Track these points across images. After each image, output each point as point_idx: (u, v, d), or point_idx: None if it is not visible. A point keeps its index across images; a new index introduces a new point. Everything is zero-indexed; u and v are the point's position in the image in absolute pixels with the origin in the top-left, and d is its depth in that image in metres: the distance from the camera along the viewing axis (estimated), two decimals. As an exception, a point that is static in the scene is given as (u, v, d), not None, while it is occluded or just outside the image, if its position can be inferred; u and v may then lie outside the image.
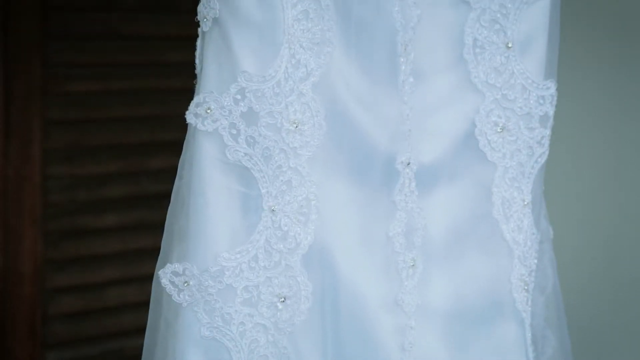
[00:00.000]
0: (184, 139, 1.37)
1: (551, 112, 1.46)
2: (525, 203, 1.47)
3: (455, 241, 1.46)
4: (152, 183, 3.08)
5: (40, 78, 2.84)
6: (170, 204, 1.40)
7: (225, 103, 1.30)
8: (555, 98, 1.46)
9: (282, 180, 1.33)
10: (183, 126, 1.35)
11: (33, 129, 2.84)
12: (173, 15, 3.06)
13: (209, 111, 1.31)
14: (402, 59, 1.39)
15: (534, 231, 1.48)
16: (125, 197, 3.06)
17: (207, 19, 1.32)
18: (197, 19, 1.34)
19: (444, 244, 1.46)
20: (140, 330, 1.49)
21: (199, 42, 1.36)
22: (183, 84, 2.01)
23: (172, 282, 1.33)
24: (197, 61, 1.38)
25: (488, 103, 1.45)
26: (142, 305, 1.81)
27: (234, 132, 1.31)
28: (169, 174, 1.40)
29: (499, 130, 1.45)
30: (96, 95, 2.97)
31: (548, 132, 1.47)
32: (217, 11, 1.30)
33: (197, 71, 1.37)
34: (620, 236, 2.61)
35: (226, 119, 1.31)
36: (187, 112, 1.32)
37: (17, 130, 2.81)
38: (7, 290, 2.81)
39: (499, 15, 1.43)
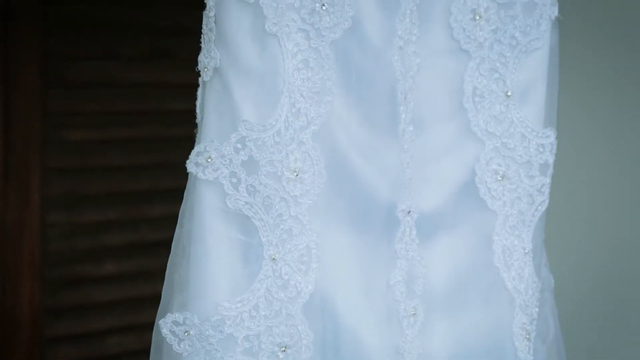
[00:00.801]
0: (184, 187, 1.37)
1: (551, 161, 1.47)
2: (526, 251, 1.46)
3: (457, 290, 1.46)
4: (152, 231, 3.08)
5: (39, 126, 2.85)
6: (171, 253, 1.40)
7: (226, 152, 1.31)
8: (555, 146, 1.47)
9: (282, 229, 1.33)
10: (183, 174, 1.35)
11: (32, 177, 2.85)
12: (173, 63, 3.08)
13: (209, 160, 1.31)
14: (402, 108, 1.40)
15: (535, 279, 1.48)
16: (125, 245, 3.05)
17: (207, 69, 1.33)
18: (197, 68, 1.34)
19: (445, 292, 1.46)
20: (140, 380, 1.48)
21: (199, 92, 1.37)
22: (183, 132, 2.03)
23: (173, 332, 1.32)
24: (197, 110, 1.38)
25: (488, 151, 1.45)
26: (142, 354, 1.80)
27: (235, 180, 1.31)
28: (169, 222, 1.40)
29: (499, 178, 1.45)
30: (95, 144, 2.98)
31: (548, 180, 1.47)
32: (218, 60, 1.31)
33: (197, 120, 1.38)
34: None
35: (227, 167, 1.31)
36: (187, 161, 1.32)
37: (16, 177, 2.81)
38: (5, 337, 2.80)
39: (498, 64, 1.44)
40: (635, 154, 2.60)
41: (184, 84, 2.68)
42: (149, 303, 2.03)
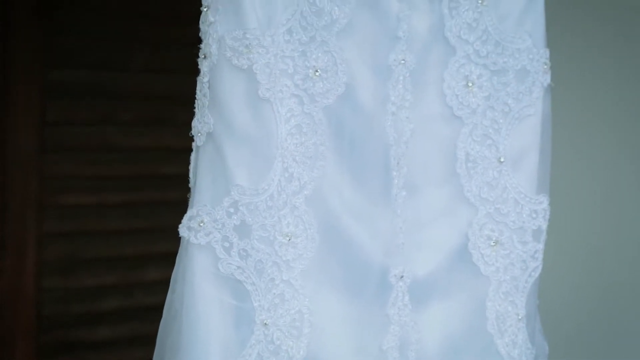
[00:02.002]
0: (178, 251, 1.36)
1: (544, 227, 1.47)
2: (520, 317, 1.46)
3: (450, 355, 1.45)
4: (146, 295, 3.06)
5: (36, 190, 2.86)
6: (163, 318, 1.39)
7: (218, 216, 1.31)
8: (548, 212, 1.47)
9: (274, 294, 1.33)
10: (178, 238, 1.35)
11: (28, 242, 2.85)
12: (169, 128, 3.10)
13: (202, 224, 1.31)
14: (395, 173, 1.40)
15: (529, 346, 1.47)
16: (119, 309, 3.04)
17: (201, 134, 1.33)
18: (191, 133, 1.35)
19: (439, 358, 1.44)
20: None
21: (192, 156, 1.37)
22: (178, 196, 2.03)
23: None
24: (190, 175, 1.38)
25: (481, 217, 1.45)
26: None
27: (227, 245, 1.31)
28: (164, 286, 1.40)
29: (492, 244, 1.45)
30: (91, 208, 2.98)
31: (541, 246, 1.47)
32: (212, 126, 1.32)
33: (190, 185, 1.38)
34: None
35: (219, 232, 1.31)
36: (180, 225, 1.32)
37: (12, 242, 2.81)
38: (-1, 403, 2.77)
39: (490, 130, 1.45)
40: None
41: (179, 149, 2.69)
42: (143, 368, 2.01)
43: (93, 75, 2.99)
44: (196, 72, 1.34)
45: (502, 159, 1.45)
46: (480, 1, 1.44)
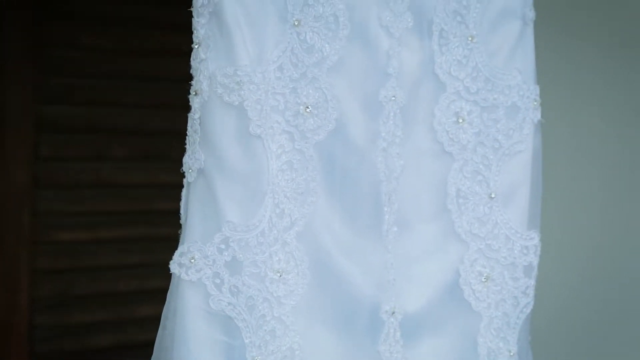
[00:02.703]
0: (170, 287, 1.36)
1: (535, 263, 1.47)
2: (512, 354, 1.45)
3: None
4: (139, 332, 3.05)
5: (28, 226, 2.85)
6: (154, 354, 1.38)
7: (209, 252, 1.31)
8: (539, 248, 1.47)
9: (265, 330, 1.32)
10: (170, 274, 1.35)
11: (21, 278, 2.84)
12: (162, 163, 3.10)
13: (192, 261, 1.31)
14: (386, 209, 1.40)
15: None
16: (112, 346, 3.02)
17: (192, 170, 1.33)
18: (182, 170, 1.35)
19: None
20: None
21: (184, 193, 1.37)
22: (170, 232, 2.02)
23: None
24: (182, 211, 1.38)
25: (472, 252, 1.45)
26: None
27: (218, 281, 1.31)
28: (157, 322, 1.39)
29: (483, 280, 1.45)
30: (84, 244, 2.97)
31: (533, 282, 1.47)
32: (202, 162, 1.32)
33: (182, 221, 1.38)
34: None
35: (210, 268, 1.31)
36: (171, 262, 1.32)
37: (5, 279, 2.80)
38: None
39: (481, 166, 1.45)
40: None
41: (173, 184, 2.69)
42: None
43: (86, 111, 3.00)
44: (186, 107, 1.35)
45: (493, 195, 1.45)
46: (470, 38, 1.45)
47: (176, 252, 1.32)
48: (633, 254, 2.65)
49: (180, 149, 1.37)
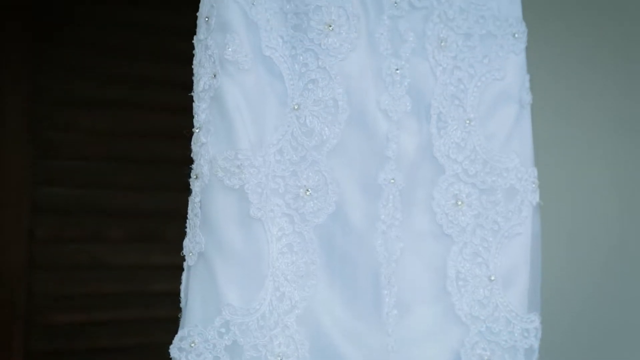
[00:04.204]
0: (168, 371, 1.35)
1: (536, 345, 1.46)
2: None
3: None
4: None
5: (23, 308, 2.83)
6: None
7: (210, 336, 1.30)
8: (539, 331, 1.47)
9: None
10: (168, 357, 1.33)
11: (14, 360, 2.81)
12: (158, 245, 3.09)
13: (193, 345, 1.30)
14: (385, 292, 1.40)
15: None
16: None
17: (192, 253, 1.33)
18: (182, 252, 1.35)
19: None
20: None
21: (184, 276, 1.36)
22: (168, 314, 2.01)
23: None
24: (182, 295, 1.37)
25: (472, 335, 1.44)
26: None
27: None
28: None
29: None
30: (80, 326, 2.95)
31: None
32: (203, 245, 1.31)
33: (182, 305, 1.37)
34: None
35: (210, 352, 1.30)
36: (171, 346, 1.31)
37: (-2, 360, 2.77)
38: None
39: (480, 248, 1.46)
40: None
41: (168, 266, 2.69)
42: None
43: (82, 192, 3.01)
44: (185, 189, 1.35)
45: (492, 277, 1.45)
46: (468, 121, 1.47)
47: (176, 336, 1.32)
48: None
49: (176, 230, 1.38)
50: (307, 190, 1.36)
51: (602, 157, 2.64)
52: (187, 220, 1.35)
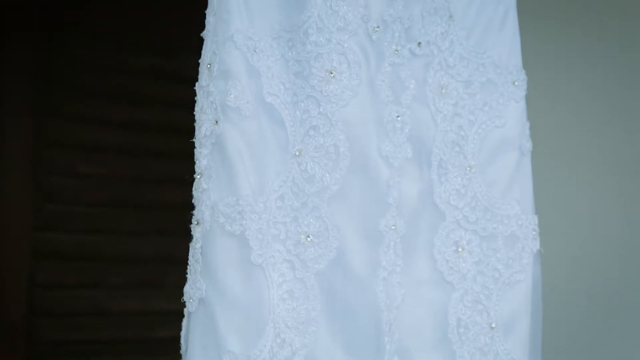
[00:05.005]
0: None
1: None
2: None
3: None
4: None
5: (23, 356, 2.82)
6: None
7: None
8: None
9: None
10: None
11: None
12: (159, 291, 3.09)
13: None
14: (386, 338, 1.40)
15: None
16: None
17: (193, 299, 1.32)
18: (183, 299, 1.34)
19: None
20: None
21: (184, 322, 1.36)
22: (169, 359, 2.01)
23: None
24: (182, 341, 1.37)
25: None
26: None
27: None
28: None
29: None
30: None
31: None
32: (204, 291, 1.31)
33: (182, 351, 1.36)
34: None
35: None
36: (171, 394, 1.30)
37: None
38: None
39: (481, 296, 1.45)
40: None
41: (169, 312, 2.68)
42: None
43: (83, 238, 3.00)
44: (186, 235, 1.35)
45: (493, 325, 1.45)
46: (468, 168, 1.47)
47: (177, 383, 1.31)
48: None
49: (176, 276, 1.37)
50: (308, 236, 1.36)
51: (603, 203, 2.65)
52: (188, 266, 1.34)
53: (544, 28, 2.57)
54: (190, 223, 1.35)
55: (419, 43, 1.47)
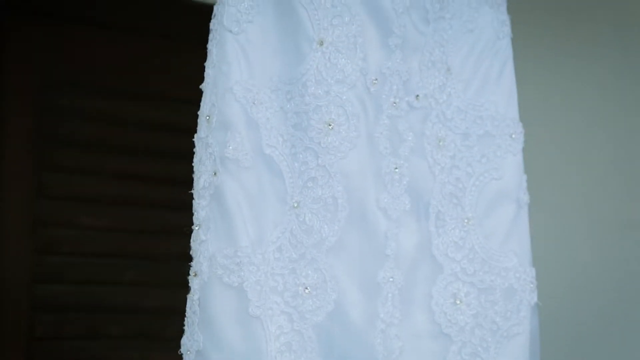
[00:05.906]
0: None
1: None
2: None
3: None
4: None
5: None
6: None
7: None
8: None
9: None
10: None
11: None
12: (157, 342, 3.07)
13: None
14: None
15: None
16: None
17: (190, 352, 1.32)
18: (180, 351, 1.34)
19: None
20: None
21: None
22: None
23: None
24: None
25: None
26: None
27: None
28: None
29: None
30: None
31: None
32: (201, 343, 1.31)
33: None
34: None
35: None
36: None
37: None
38: None
39: (479, 348, 1.45)
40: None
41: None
42: None
43: (82, 289, 2.99)
44: (184, 286, 1.35)
45: None
46: (466, 220, 1.48)
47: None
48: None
49: (175, 328, 1.37)
50: (306, 288, 1.36)
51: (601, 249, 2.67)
52: (186, 318, 1.34)
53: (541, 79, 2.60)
54: (188, 275, 1.35)
55: (417, 96, 1.48)
